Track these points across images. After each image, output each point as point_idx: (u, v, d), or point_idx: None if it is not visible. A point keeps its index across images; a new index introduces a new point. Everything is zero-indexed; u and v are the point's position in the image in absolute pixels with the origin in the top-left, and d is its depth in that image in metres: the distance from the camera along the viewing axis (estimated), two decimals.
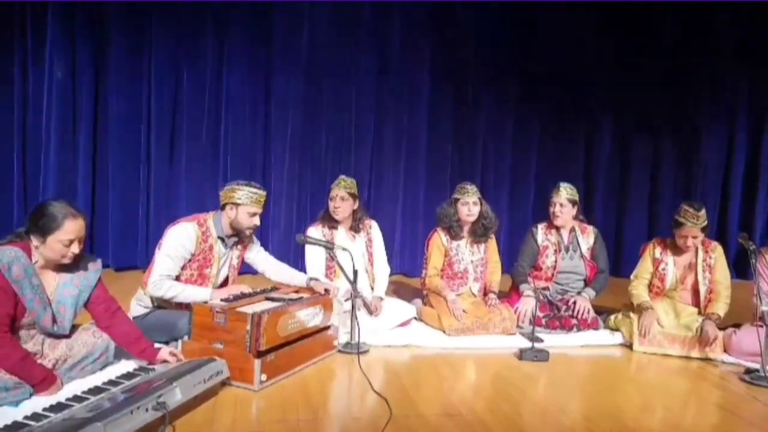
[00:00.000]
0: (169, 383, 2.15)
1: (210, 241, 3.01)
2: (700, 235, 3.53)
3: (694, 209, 3.50)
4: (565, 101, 6.16)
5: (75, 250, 2.31)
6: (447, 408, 2.50)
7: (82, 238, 2.34)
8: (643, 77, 6.18)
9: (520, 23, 5.92)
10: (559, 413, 2.52)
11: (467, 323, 3.59)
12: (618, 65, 6.15)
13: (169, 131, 5.25)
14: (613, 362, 3.41)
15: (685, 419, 2.57)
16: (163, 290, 2.87)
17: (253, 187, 3.02)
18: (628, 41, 6.09)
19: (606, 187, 6.41)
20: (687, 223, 3.50)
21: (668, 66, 6.24)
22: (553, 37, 5.98)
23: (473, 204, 3.81)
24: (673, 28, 6.20)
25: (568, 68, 6.05)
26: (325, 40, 5.52)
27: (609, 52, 6.12)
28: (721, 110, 6.46)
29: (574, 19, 5.97)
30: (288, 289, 3.21)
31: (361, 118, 5.72)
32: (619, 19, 6.03)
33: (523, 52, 5.99)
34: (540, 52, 5.99)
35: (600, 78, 6.18)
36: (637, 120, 6.35)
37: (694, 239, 3.54)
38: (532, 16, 5.91)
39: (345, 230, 3.75)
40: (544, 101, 6.13)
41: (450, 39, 5.82)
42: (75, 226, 2.28)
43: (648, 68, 6.18)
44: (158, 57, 5.19)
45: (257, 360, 2.51)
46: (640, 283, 3.74)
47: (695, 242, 3.55)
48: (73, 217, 2.27)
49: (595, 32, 6.06)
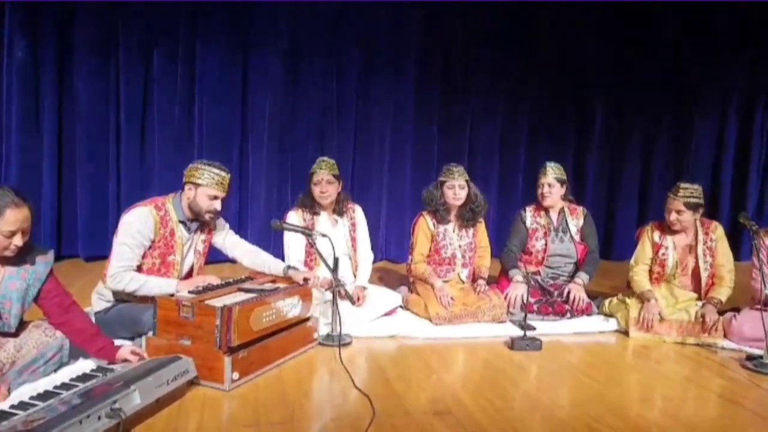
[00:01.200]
0: (126, 386, 1.94)
1: (170, 226, 2.78)
2: (684, 210, 3.36)
3: (683, 183, 3.39)
4: (556, 83, 5.98)
5: (18, 242, 2.07)
6: (435, 404, 2.32)
7: (26, 228, 2.10)
8: (635, 60, 6.04)
9: (512, 5, 5.67)
10: (554, 406, 2.36)
11: (455, 311, 3.42)
12: (611, 49, 6.00)
13: (140, 112, 4.97)
14: (608, 350, 3.26)
15: (685, 409, 2.42)
16: (124, 283, 2.65)
17: (216, 168, 2.79)
18: (622, 25, 5.93)
19: (597, 169, 6.27)
20: (670, 195, 3.39)
21: (661, 49, 6.09)
22: (545, 19, 5.79)
23: (459, 187, 3.61)
24: (670, 16, 6.03)
25: (560, 51, 5.90)
26: (307, 19, 5.24)
27: (602, 35, 5.95)
28: (714, 92, 6.34)
29: (567, 2, 5.75)
30: (263, 279, 2.99)
31: (343, 99, 5.47)
32: (613, 4, 5.83)
33: (514, 33, 5.78)
34: (531, 35, 5.81)
35: (592, 61, 6.01)
36: (628, 102, 6.21)
37: (678, 214, 3.37)
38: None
39: (327, 215, 3.54)
40: (534, 83, 5.95)
41: (438, 19, 5.57)
42: (17, 216, 2.04)
43: (640, 51, 6.03)
44: (127, 34, 4.88)
45: (228, 357, 2.30)
46: (641, 269, 3.56)
47: (680, 218, 3.38)
48: (15, 206, 2.03)
49: (588, 15, 5.86)
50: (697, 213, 3.41)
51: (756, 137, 6.43)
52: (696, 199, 3.37)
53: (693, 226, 3.49)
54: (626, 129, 6.27)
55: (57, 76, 4.78)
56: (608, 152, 6.29)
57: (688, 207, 3.35)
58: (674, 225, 3.44)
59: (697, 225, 3.49)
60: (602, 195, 6.28)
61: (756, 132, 6.42)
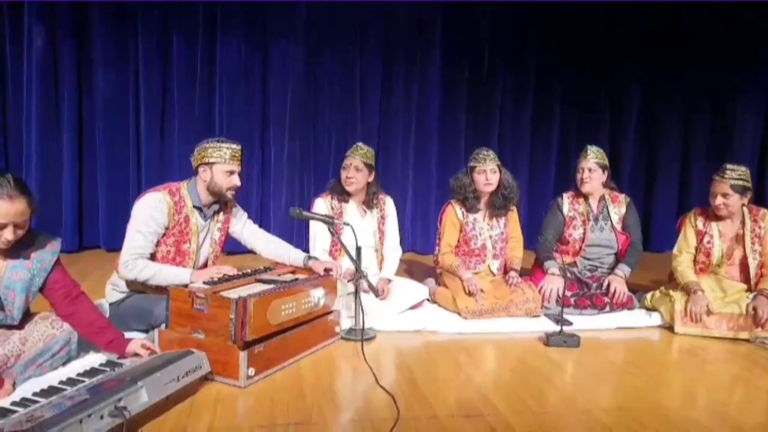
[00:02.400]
0: (133, 383, 1.81)
1: (185, 212, 2.65)
2: (730, 194, 3.13)
3: (730, 165, 3.18)
4: (588, 68, 5.72)
5: (8, 236, 1.93)
6: (464, 406, 2.14)
7: (21, 222, 1.95)
8: (673, 41, 5.73)
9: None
10: (593, 408, 2.16)
11: (486, 305, 3.22)
12: (645, 31, 5.70)
13: (159, 101, 4.89)
14: (651, 347, 3.04)
15: (735, 411, 2.20)
16: (136, 271, 2.52)
17: (225, 143, 2.66)
18: (656, 7, 5.58)
19: (633, 156, 6.01)
20: (716, 177, 3.20)
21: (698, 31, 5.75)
22: (575, 4, 5.49)
23: (491, 172, 3.40)
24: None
25: (592, 34, 5.63)
26: (327, 9, 5.09)
27: (637, 17, 5.64)
28: (758, 69, 5.96)
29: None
30: (283, 270, 2.85)
31: (366, 91, 5.31)
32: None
33: (543, 17, 5.54)
34: (561, 17, 5.54)
35: (625, 43, 5.73)
36: (665, 84, 5.91)
37: (724, 198, 3.15)
38: None
39: (356, 204, 3.38)
40: (565, 68, 5.70)
41: (464, 8, 5.34)
42: (8, 209, 1.89)
43: (677, 32, 5.71)
44: (145, 25, 4.79)
45: (243, 352, 2.16)
46: (686, 259, 3.32)
47: (726, 202, 3.15)
48: (8, 198, 1.88)
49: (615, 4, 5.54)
50: (745, 197, 3.18)
51: None
52: (743, 182, 3.15)
53: (740, 213, 3.25)
54: (663, 113, 5.97)
55: (76, 65, 4.73)
56: (644, 139, 6.03)
57: (735, 190, 3.13)
58: (720, 210, 3.19)
59: (744, 212, 3.26)
60: (640, 184, 6.01)
61: None
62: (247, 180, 4.96)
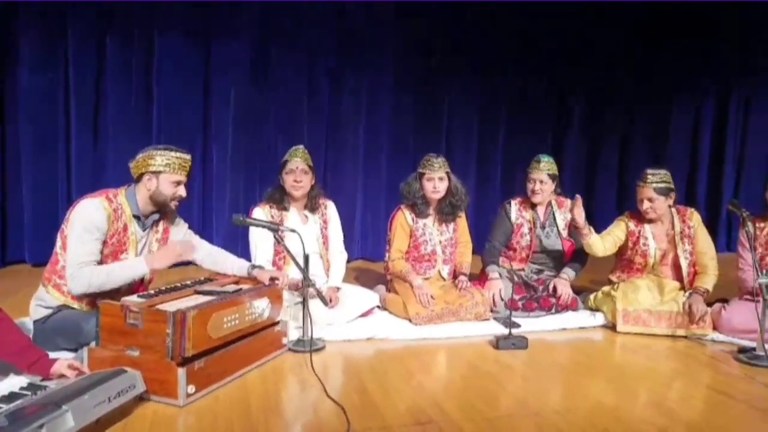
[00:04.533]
0: (57, 407, 1.65)
1: (123, 220, 2.49)
2: (655, 197, 3.23)
3: (650, 170, 3.28)
4: (534, 74, 5.84)
5: None
6: (415, 414, 2.08)
7: None
8: (612, 50, 5.96)
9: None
10: (545, 409, 2.16)
11: (436, 310, 3.20)
12: (586, 38, 5.89)
13: (92, 105, 4.60)
14: (596, 346, 3.09)
15: (679, 406, 2.25)
16: (86, 281, 2.34)
17: (174, 151, 2.52)
18: (596, 17, 5.82)
19: (574, 162, 6.17)
20: (639, 183, 3.29)
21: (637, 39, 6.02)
22: (522, 12, 5.62)
23: (439, 179, 3.39)
24: (644, 8, 5.91)
25: (536, 40, 5.75)
26: (274, 8, 4.94)
27: (577, 25, 5.82)
28: (689, 81, 6.30)
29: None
30: (225, 280, 2.72)
31: (315, 91, 5.20)
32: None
33: (491, 25, 5.63)
34: (508, 28, 5.67)
35: (568, 51, 5.90)
36: (606, 91, 6.14)
37: (650, 202, 3.25)
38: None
39: (297, 211, 3.27)
40: (512, 73, 5.81)
41: (415, 10, 5.34)
42: None
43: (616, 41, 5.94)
44: (76, 25, 4.51)
45: (181, 368, 2.03)
46: (604, 239, 3.41)
47: (653, 206, 3.26)
48: None
49: (564, 8, 5.68)
50: (670, 199, 3.29)
51: (731, 127, 6.41)
52: (666, 184, 3.26)
53: (669, 214, 3.36)
54: (603, 121, 6.20)
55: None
56: (585, 145, 6.21)
57: (659, 192, 3.24)
58: (648, 214, 3.30)
59: (672, 213, 3.37)
60: (580, 189, 6.12)
61: (731, 122, 6.41)
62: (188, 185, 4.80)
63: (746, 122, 6.45)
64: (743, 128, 6.45)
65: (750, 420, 2.15)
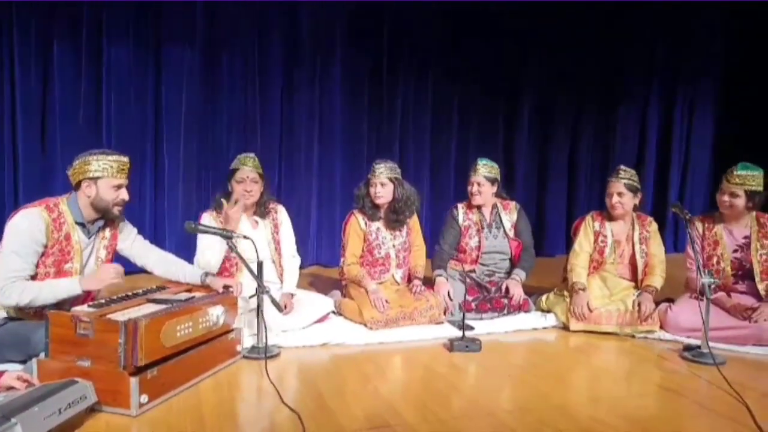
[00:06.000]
0: (6, 420, 1.62)
1: (65, 229, 2.44)
2: (625, 192, 3.42)
3: (623, 167, 3.48)
4: (485, 76, 5.94)
5: None
6: (371, 418, 2.12)
7: None
8: (563, 52, 6.11)
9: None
10: (498, 409, 2.23)
11: (391, 314, 3.25)
12: (538, 40, 6.04)
13: (38, 114, 4.45)
14: (549, 347, 3.20)
15: (630, 404, 2.34)
16: (15, 296, 2.29)
17: (111, 155, 2.49)
18: (545, 18, 5.95)
19: (526, 165, 6.30)
20: (611, 178, 3.46)
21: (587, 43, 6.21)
22: (473, 14, 5.74)
23: (380, 185, 3.44)
24: (592, 8, 6.10)
25: (488, 43, 5.86)
26: (225, 10, 4.91)
27: (532, 26, 5.96)
28: (636, 84, 6.55)
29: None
30: (178, 288, 2.70)
31: (267, 95, 5.17)
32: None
33: (442, 27, 5.71)
34: (460, 30, 5.75)
35: (519, 53, 6.05)
36: (556, 95, 6.28)
37: (619, 197, 3.43)
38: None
39: (247, 216, 3.26)
40: (463, 76, 5.89)
41: (365, 12, 5.40)
42: None
43: (567, 44, 6.10)
44: (21, 28, 4.35)
45: (134, 378, 2.01)
46: (583, 259, 3.53)
47: (621, 201, 3.43)
48: None
49: (514, 9, 5.83)
50: (636, 198, 3.47)
51: (676, 131, 6.70)
52: (635, 183, 3.45)
53: (630, 217, 3.53)
54: (553, 123, 6.34)
55: None
56: (536, 147, 6.34)
57: (629, 189, 3.42)
58: (616, 209, 3.46)
59: (633, 216, 3.55)
60: (532, 191, 6.32)
61: (676, 125, 6.69)
62: (139, 190, 4.70)
63: (690, 127, 6.79)
64: (687, 133, 6.78)
65: (698, 415, 2.24)
